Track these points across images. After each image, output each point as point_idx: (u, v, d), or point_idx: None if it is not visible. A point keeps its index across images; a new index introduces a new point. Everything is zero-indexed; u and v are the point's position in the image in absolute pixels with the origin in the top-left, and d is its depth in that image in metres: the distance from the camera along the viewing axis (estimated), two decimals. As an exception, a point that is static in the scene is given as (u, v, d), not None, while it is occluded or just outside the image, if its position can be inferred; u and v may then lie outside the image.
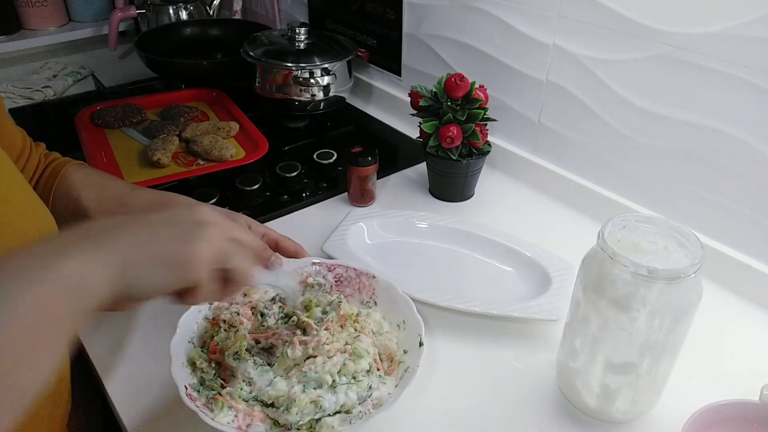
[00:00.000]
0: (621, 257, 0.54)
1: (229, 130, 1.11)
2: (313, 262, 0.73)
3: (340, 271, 0.73)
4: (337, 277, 0.73)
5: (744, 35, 0.71)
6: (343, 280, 0.73)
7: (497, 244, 0.84)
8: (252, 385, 0.60)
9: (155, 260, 0.42)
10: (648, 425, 0.63)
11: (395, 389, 0.61)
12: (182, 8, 1.51)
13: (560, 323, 0.67)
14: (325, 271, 0.73)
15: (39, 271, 0.37)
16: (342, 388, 0.59)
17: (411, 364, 0.63)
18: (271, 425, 0.58)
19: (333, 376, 0.60)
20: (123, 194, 0.69)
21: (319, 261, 0.73)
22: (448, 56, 1.11)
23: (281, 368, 0.61)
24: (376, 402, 0.59)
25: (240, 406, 0.58)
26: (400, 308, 0.69)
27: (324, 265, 0.73)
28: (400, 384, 0.61)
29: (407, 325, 0.68)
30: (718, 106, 0.76)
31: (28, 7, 1.55)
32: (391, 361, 0.65)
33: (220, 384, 0.60)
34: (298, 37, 1.17)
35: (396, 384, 0.62)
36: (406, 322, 0.68)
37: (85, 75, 1.49)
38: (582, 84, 0.91)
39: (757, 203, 0.76)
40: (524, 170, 1.04)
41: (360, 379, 0.61)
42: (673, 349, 0.58)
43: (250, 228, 0.65)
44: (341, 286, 0.73)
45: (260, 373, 0.61)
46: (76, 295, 0.38)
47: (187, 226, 0.45)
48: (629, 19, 0.81)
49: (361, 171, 0.94)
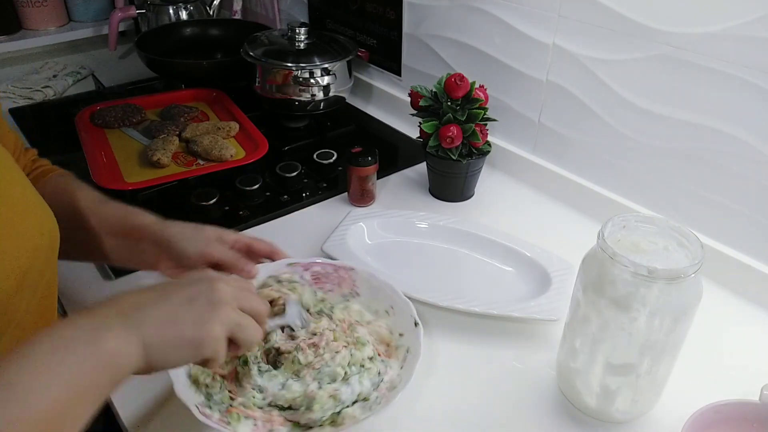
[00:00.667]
0: (621, 257, 0.54)
1: (229, 130, 1.11)
2: (288, 263, 0.72)
3: (317, 268, 0.73)
4: (315, 274, 0.72)
5: (744, 35, 0.71)
6: (321, 276, 0.72)
7: (497, 244, 0.84)
8: (264, 392, 0.60)
9: (175, 342, 0.48)
10: (648, 425, 0.63)
11: (402, 371, 0.62)
12: (182, 8, 1.51)
13: (560, 323, 0.67)
14: (302, 270, 0.72)
15: (87, 346, 0.44)
16: (355, 378, 0.60)
17: (411, 345, 0.64)
18: (291, 428, 0.58)
19: (344, 368, 0.60)
20: (86, 208, 0.69)
21: (294, 261, 0.72)
22: (448, 56, 1.11)
23: (290, 371, 0.61)
24: (389, 385, 0.60)
25: (257, 414, 0.58)
26: (385, 295, 0.70)
27: (300, 264, 0.72)
28: (406, 365, 0.62)
29: (396, 310, 0.68)
30: (718, 106, 0.76)
31: (28, 7, 1.55)
32: (387, 346, 0.66)
33: (229, 396, 0.60)
34: (298, 37, 1.17)
35: (401, 366, 0.63)
36: (394, 307, 0.69)
37: (85, 75, 1.48)
38: (582, 84, 0.91)
39: (757, 203, 0.76)
40: (524, 170, 1.04)
41: (368, 366, 0.62)
42: (673, 349, 0.58)
43: (222, 238, 0.67)
44: (320, 283, 0.72)
45: (268, 379, 0.61)
46: (113, 367, 0.45)
47: (204, 307, 0.50)
48: (629, 19, 0.81)
49: (361, 171, 0.94)
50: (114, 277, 0.82)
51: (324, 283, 0.72)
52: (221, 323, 0.49)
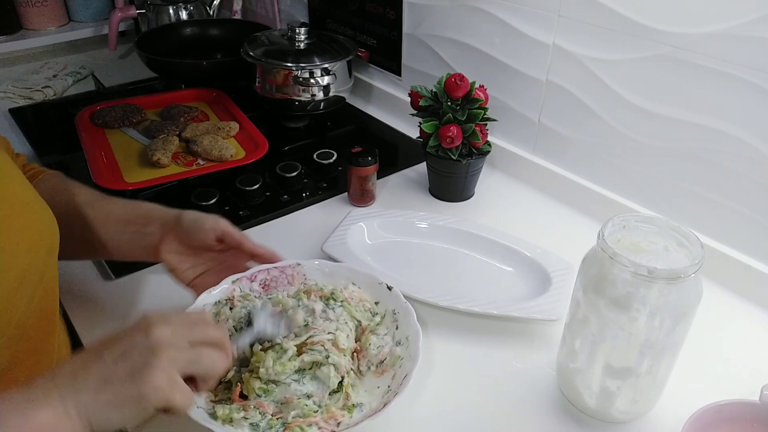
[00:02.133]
0: (621, 257, 0.54)
1: (229, 130, 1.11)
2: (232, 280, 0.69)
3: (262, 276, 0.71)
4: (262, 282, 0.71)
5: (744, 35, 0.71)
6: (269, 282, 0.71)
7: (497, 244, 0.84)
8: (311, 397, 0.59)
9: (113, 403, 0.45)
10: (648, 425, 0.63)
11: (396, 331, 0.66)
12: (182, 8, 1.51)
13: (560, 323, 0.67)
14: (248, 282, 0.70)
15: (18, 419, 0.43)
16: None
17: (395, 307, 0.67)
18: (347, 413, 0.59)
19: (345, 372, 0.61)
20: (90, 203, 0.69)
21: (237, 277, 0.69)
22: (448, 56, 1.11)
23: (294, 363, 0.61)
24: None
25: (316, 418, 0.58)
26: (342, 276, 0.71)
27: (244, 278, 0.70)
28: (401, 319, 0.66)
29: (361, 284, 0.70)
30: (718, 106, 0.76)
31: (28, 7, 1.55)
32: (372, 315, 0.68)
33: (270, 417, 0.58)
34: (298, 37, 1.17)
35: (393, 336, 0.66)
36: (355, 281, 0.70)
37: (85, 75, 1.48)
38: (582, 84, 0.91)
39: (757, 203, 0.76)
40: (524, 170, 1.04)
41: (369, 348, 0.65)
42: (673, 349, 0.58)
43: (223, 240, 0.67)
44: (270, 289, 0.71)
45: (298, 378, 0.60)
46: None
47: (140, 357, 0.47)
48: (629, 19, 0.81)
49: (361, 171, 0.94)
50: (114, 277, 0.82)
51: (274, 288, 0.71)
52: (162, 369, 0.46)
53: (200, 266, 0.70)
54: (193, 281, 0.69)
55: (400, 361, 0.63)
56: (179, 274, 0.69)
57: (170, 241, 0.67)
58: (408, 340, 0.64)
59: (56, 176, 0.74)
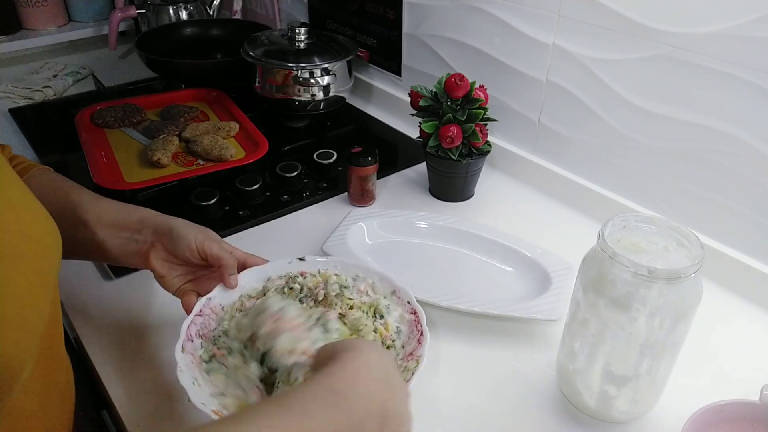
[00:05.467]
0: (621, 257, 0.54)
1: (229, 130, 1.11)
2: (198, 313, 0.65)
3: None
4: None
5: (744, 35, 0.71)
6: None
7: (497, 244, 0.84)
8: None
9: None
10: (648, 425, 0.63)
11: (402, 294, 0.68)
12: (182, 8, 1.51)
13: (560, 323, 0.67)
14: (235, 312, 0.67)
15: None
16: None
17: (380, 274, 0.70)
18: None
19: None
20: (83, 203, 0.68)
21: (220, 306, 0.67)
22: (448, 56, 1.11)
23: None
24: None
25: None
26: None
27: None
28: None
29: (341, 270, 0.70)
30: (718, 106, 0.76)
31: (28, 7, 1.55)
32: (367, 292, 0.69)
33: None
34: (298, 37, 1.17)
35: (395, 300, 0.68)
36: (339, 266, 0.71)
37: (85, 75, 1.48)
38: (582, 84, 0.91)
39: (757, 203, 0.76)
40: (524, 170, 1.04)
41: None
42: (673, 349, 0.58)
43: (222, 241, 0.67)
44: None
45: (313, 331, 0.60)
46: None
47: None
48: (629, 19, 0.81)
49: (361, 171, 0.94)
50: (114, 277, 0.82)
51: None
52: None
53: (189, 274, 0.69)
54: (179, 288, 0.69)
55: (400, 362, 0.63)
56: (167, 281, 0.68)
57: (160, 249, 0.66)
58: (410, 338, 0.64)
59: (46, 173, 0.72)
